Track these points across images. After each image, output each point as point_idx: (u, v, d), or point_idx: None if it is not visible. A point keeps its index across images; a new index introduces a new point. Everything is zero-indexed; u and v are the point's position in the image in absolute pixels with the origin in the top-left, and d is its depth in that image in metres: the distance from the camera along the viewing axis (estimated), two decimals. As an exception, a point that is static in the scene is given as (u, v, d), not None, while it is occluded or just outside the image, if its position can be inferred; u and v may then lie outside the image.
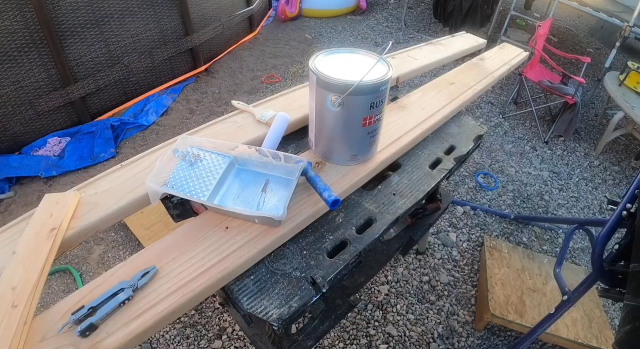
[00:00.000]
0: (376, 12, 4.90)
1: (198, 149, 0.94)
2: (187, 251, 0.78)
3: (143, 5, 2.68)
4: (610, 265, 1.01)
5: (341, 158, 0.99)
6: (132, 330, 0.65)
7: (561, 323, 1.54)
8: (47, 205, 0.81)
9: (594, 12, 3.34)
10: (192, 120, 2.83)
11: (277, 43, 3.99)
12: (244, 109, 1.16)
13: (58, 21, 2.24)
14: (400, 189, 1.04)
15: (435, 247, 2.01)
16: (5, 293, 0.66)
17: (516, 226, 2.21)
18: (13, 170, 2.22)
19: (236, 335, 1.60)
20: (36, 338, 0.63)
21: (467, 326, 1.70)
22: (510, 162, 2.69)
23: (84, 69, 2.48)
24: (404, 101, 1.29)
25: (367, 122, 0.90)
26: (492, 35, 3.99)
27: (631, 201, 1.03)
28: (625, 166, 2.81)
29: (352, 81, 0.81)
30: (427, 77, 3.09)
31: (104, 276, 0.73)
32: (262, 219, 0.82)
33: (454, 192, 2.38)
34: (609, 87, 2.82)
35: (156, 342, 1.56)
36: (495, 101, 3.34)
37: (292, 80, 3.39)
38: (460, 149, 1.21)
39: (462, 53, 1.64)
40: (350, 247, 0.88)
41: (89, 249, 1.91)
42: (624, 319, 0.78)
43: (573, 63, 3.92)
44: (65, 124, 2.52)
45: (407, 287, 1.82)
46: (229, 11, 3.53)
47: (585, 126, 3.19)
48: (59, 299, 1.24)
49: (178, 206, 0.90)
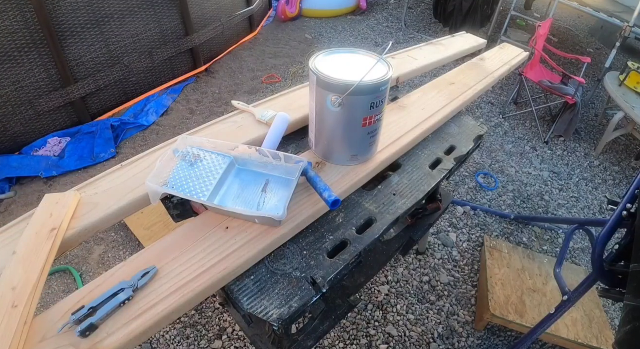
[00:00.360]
0: (376, 12, 4.90)
1: (198, 149, 0.94)
2: (187, 251, 0.78)
3: (143, 5, 2.68)
4: (610, 265, 1.01)
5: (341, 158, 0.99)
6: (132, 330, 0.65)
7: (561, 323, 1.54)
8: (47, 205, 0.82)
9: (594, 12, 3.34)
10: (192, 120, 2.83)
11: (277, 43, 3.99)
12: (244, 109, 1.16)
13: (58, 21, 2.24)
14: (400, 189, 1.04)
15: (435, 247, 2.01)
16: (5, 293, 0.66)
17: (516, 226, 2.21)
18: (13, 170, 2.22)
19: (236, 335, 1.60)
20: (36, 338, 0.63)
21: (467, 326, 1.70)
22: (510, 162, 2.69)
23: (84, 69, 2.48)
24: (404, 101, 1.29)
25: (367, 122, 0.90)
26: (492, 35, 3.99)
27: (631, 201, 1.03)
28: (625, 166, 2.81)
29: (352, 81, 0.81)
30: (427, 77, 3.09)
31: (104, 276, 0.73)
32: (262, 219, 0.82)
33: (454, 192, 2.38)
34: (609, 87, 2.82)
35: (156, 342, 1.56)
36: (495, 101, 3.34)
37: (292, 80, 3.39)
38: (460, 149, 1.21)
39: (462, 53, 1.64)
40: (350, 247, 0.88)
41: (89, 249, 1.91)
42: (624, 319, 0.78)
43: (573, 63, 3.92)
44: (65, 124, 2.53)
45: (407, 287, 1.82)
46: (229, 11, 3.53)
47: (585, 126, 3.19)
48: (59, 299, 1.24)
49: (178, 206, 0.91)
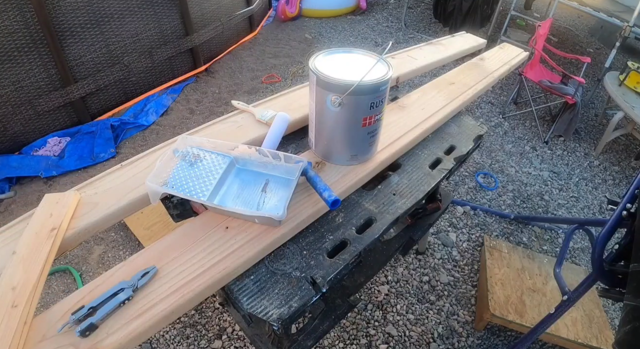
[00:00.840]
0: (376, 12, 4.90)
1: (198, 149, 0.94)
2: (187, 251, 0.78)
3: (143, 5, 2.68)
4: (610, 265, 1.01)
5: (341, 158, 0.99)
6: (132, 330, 0.65)
7: (561, 323, 1.54)
8: (47, 205, 0.82)
9: (594, 12, 3.34)
10: (192, 120, 2.83)
11: (277, 43, 3.99)
12: (244, 109, 1.16)
13: (58, 21, 2.24)
14: (400, 189, 1.04)
15: (435, 247, 2.01)
16: (5, 293, 0.66)
17: (516, 226, 2.21)
18: (13, 170, 2.22)
19: (236, 335, 1.60)
20: (36, 338, 0.63)
21: (467, 326, 1.70)
22: (510, 162, 2.69)
23: (84, 69, 2.48)
24: (404, 101, 1.29)
25: (367, 122, 0.90)
26: (492, 35, 3.99)
27: (631, 201, 1.02)
28: (625, 166, 2.81)
29: (352, 81, 0.81)
30: (427, 77, 3.09)
31: (104, 276, 0.73)
32: (262, 219, 0.82)
33: (454, 192, 2.38)
34: (609, 87, 2.82)
35: (156, 342, 1.56)
36: (495, 101, 3.34)
37: (292, 80, 3.39)
38: (460, 149, 1.21)
39: (462, 53, 1.64)
40: (350, 247, 0.88)
41: (89, 249, 1.91)
42: (624, 319, 0.78)
43: (573, 63, 3.92)
44: (65, 124, 2.52)
45: (407, 287, 1.82)
46: (229, 11, 3.53)
47: (585, 126, 3.19)
48: (59, 299, 1.24)
49: (178, 206, 0.91)
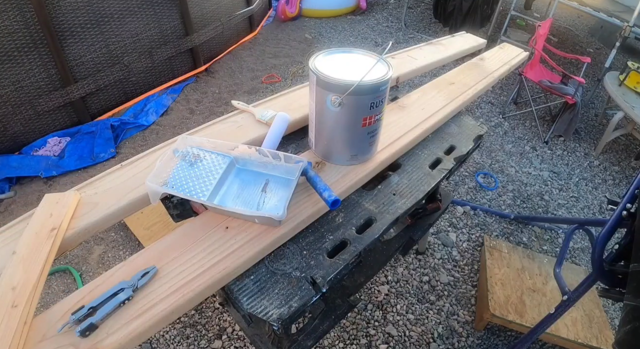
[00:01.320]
0: (376, 12, 4.90)
1: (198, 149, 0.94)
2: (187, 251, 0.78)
3: (143, 5, 2.68)
4: (610, 265, 1.01)
5: (341, 158, 0.99)
6: (132, 330, 0.65)
7: (561, 323, 1.54)
8: (47, 205, 0.82)
9: (594, 12, 3.34)
10: (192, 120, 2.83)
11: (277, 43, 3.99)
12: (244, 109, 1.16)
13: (58, 21, 2.24)
14: (400, 189, 1.04)
15: (435, 247, 2.01)
16: (5, 293, 0.66)
17: (516, 226, 2.21)
18: (13, 170, 2.21)
19: (236, 335, 1.60)
20: (36, 338, 0.63)
21: (467, 326, 1.70)
22: (510, 162, 2.69)
23: (84, 69, 2.48)
24: (404, 101, 1.29)
25: (367, 122, 0.90)
26: (492, 35, 3.99)
27: (631, 201, 1.02)
28: (625, 166, 2.81)
29: (352, 81, 0.81)
30: (427, 77, 3.09)
31: (104, 276, 0.73)
32: (262, 219, 0.82)
33: (454, 192, 2.37)
34: (609, 87, 2.82)
35: (156, 342, 1.56)
36: (495, 101, 3.34)
37: (292, 80, 3.39)
38: (460, 149, 1.21)
39: (462, 53, 1.64)
40: (350, 247, 0.88)
41: (89, 249, 1.91)
42: (624, 319, 0.78)
43: (573, 63, 3.92)
44: (65, 124, 2.52)
45: (407, 287, 1.82)
46: (229, 11, 3.53)
47: (585, 126, 3.19)
48: (59, 299, 1.24)
49: (178, 206, 0.91)
